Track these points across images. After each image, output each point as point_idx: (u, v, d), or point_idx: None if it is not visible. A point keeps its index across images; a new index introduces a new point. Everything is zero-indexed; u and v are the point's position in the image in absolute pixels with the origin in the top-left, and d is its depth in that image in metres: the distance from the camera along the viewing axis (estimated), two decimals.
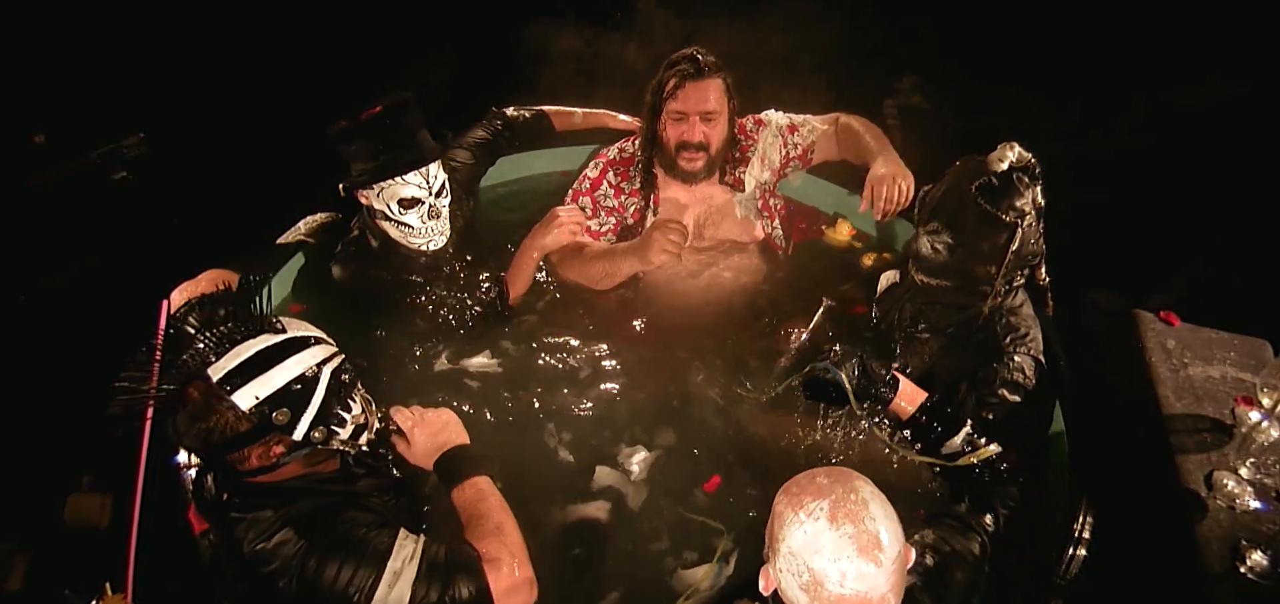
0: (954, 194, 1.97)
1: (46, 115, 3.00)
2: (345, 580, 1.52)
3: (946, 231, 1.99)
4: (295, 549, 1.54)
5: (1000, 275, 1.98)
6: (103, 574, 1.51)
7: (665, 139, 2.59)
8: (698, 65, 2.49)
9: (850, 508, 1.33)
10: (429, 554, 1.59)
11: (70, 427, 2.02)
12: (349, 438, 1.64)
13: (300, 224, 2.51)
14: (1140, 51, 3.42)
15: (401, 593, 1.53)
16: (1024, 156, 1.94)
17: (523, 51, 3.77)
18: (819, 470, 1.43)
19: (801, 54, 3.65)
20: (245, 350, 1.52)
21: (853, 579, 1.29)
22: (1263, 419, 1.96)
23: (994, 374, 2.05)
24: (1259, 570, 1.74)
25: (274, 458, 1.58)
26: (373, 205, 2.29)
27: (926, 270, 2.07)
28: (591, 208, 2.71)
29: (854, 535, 1.30)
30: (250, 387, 1.50)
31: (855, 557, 1.29)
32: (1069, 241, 2.15)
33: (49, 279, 2.58)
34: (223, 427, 1.51)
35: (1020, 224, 1.91)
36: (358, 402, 1.67)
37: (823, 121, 2.77)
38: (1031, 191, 1.94)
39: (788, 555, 1.34)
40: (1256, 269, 2.68)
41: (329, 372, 1.60)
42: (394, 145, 2.21)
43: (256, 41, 3.88)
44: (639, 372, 2.47)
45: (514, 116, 2.90)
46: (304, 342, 1.59)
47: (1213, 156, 3.09)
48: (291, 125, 3.08)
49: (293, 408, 1.54)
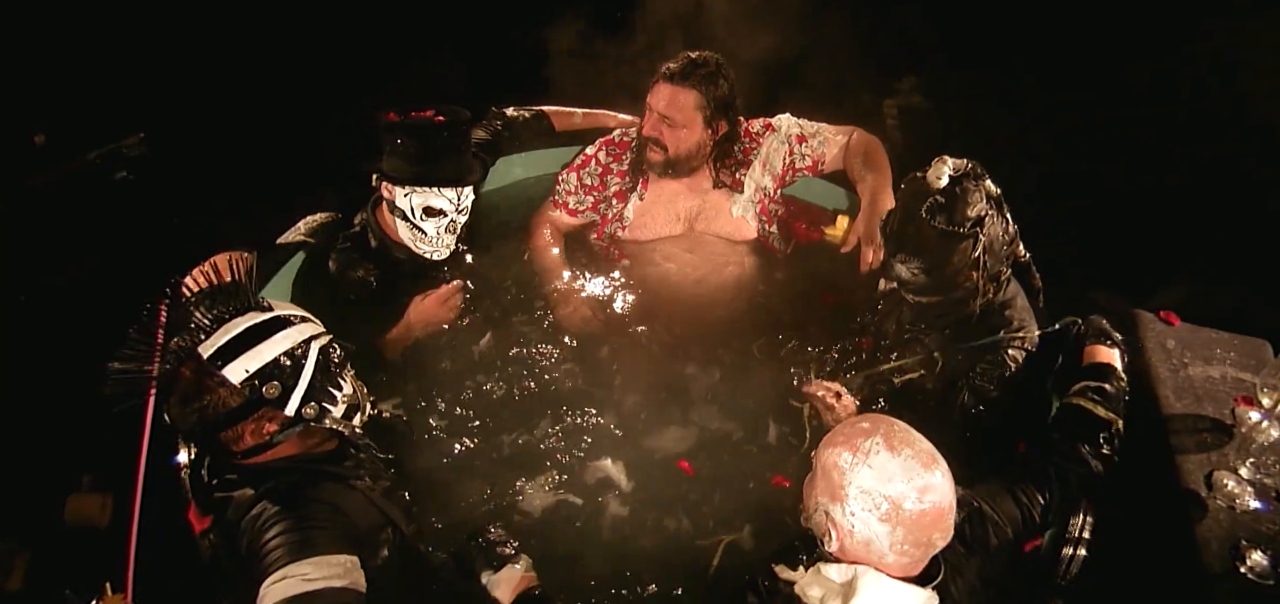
0: (910, 222, 2.00)
1: (46, 115, 3.00)
2: (271, 545, 1.48)
3: (915, 258, 2.01)
4: (263, 519, 1.53)
5: (982, 276, 2.00)
6: (103, 574, 1.50)
7: (643, 130, 2.65)
8: (676, 72, 2.54)
9: (901, 434, 1.46)
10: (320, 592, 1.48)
11: (70, 427, 2.03)
12: (342, 416, 1.66)
13: (300, 224, 2.51)
14: (1140, 50, 3.43)
15: (284, 591, 1.45)
16: (959, 164, 1.97)
17: (522, 52, 3.77)
18: (846, 422, 1.55)
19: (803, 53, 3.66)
20: (234, 327, 1.55)
21: (929, 493, 1.40)
22: (1263, 419, 1.96)
23: (991, 371, 2.06)
24: (1259, 570, 1.74)
25: (267, 435, 1.59)
26: (396, 202, 2.31)
27: (914, 291, 2.10)
28: (574, 184, 2.79)
29: (915, 454, 1.43)
30: (240, 360, 1.53)
31: (923, 472, 1.41)
32: (1069, 242, 2.15)
33: (49, 279, 2.58)
34: (216, 403, 1.53)
35: (980, 230, 1.93)
36: (349, 381, 1.70)
37: (837, 133, 2.78)
38: (979, 191, 1.95)
39: (859, 493, 1.43)
40: (1256, 269, 2.68)
41: (317, 348, 1.62)
42: (440, 156, 2.26)
43: (257, 41, 3.87)
44: (625, 360, 2.50)
45: (514, 117, 2.90)
46: (289, 319, 1.62)
47: (1212, 156, 3.09)
48: (291, 125, 3.09)
49: (283, 383, 1.56)
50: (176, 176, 2.99)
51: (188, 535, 1.66)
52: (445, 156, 2.27)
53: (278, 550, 1.48)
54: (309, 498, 1.59)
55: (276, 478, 1.59)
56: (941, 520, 1.42)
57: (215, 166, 3.23)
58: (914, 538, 1.41)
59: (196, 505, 1.67)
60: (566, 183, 2.80)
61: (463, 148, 2.33)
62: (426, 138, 2.24)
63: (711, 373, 2.47)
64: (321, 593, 1.44)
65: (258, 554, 1.49)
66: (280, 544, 1.48)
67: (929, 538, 1.42)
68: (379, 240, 2.41)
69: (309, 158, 2.46)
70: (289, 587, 1.43)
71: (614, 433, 2.30)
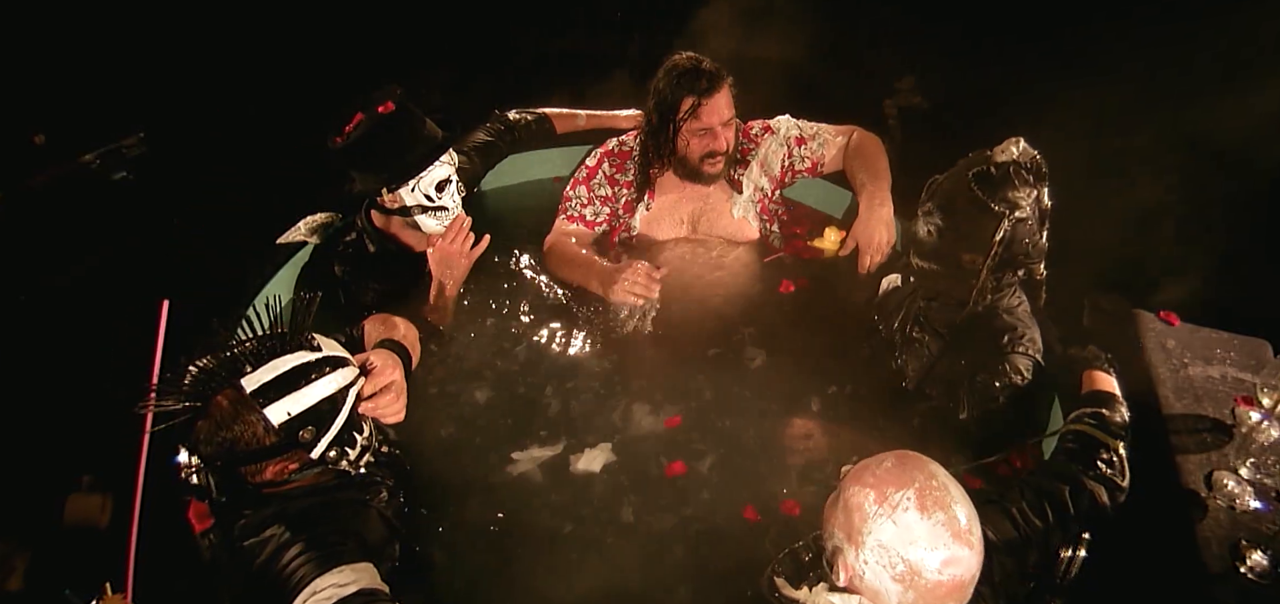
0: (952, 179, 1.98)
1: (46, 115, 3.00)
2: (293, 563, 1.50)
3: (938, 214, 1.99)
4: (278, 542, 1.53)
5: (986, 267, 1.96)
6: (103, 574, 1.51)
7: (689, 154, 2.58)
8: (710, 78, 2.48)
9: (936, 495, 1.33)
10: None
11: (70, 427, 2.02)
12: (355, 458, 1.65)
13: (300, 223, 2.51)
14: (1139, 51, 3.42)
15: (326, 599, 1.48)
16: (1028, 153, 1.93)
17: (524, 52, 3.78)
18: (885, 456, 1.41)
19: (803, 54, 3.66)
20: (283, 364, 1.51)
21: (950, 566, 1.30)
22: (1263, 419, 1.96)
23: (993, 377, 2.05)
24: (1259, 570, 1.74)
25: (288, 474, 1.58)
26: (406, 203, 2.30)
27: (919, 253, 2.07)
28: (586, 197, 2.74)
29: (946, 523, 1.30)
30: (284, 401, 1.49)
31: (950, 543, 1.30)
32: (1068, 242, 2.15)
33: (49, 279, 2.57)
34: (248, 438, 1.50)
35: (1008, 215, 1.90)
36: (367, 423, 1.68)
37: (837, 134, 2.77)
38: (1031, 190, 1.92)
39: (877, 548, 1.33)
40: (1256, 269, 2.68)
41: (353, 394, 1.60)
42: (408, 140, 2.24)
43: (257, 41, 3.88)
44: (636, 365, 2.48)
45: (516, 119, 2.90)
46: (337, 361, 1.58)
47: (1212, 156, 3.09)
48: (292, 125, 3.08)
49: (318, 427, 1.54)
50: (176, 176, 2.99)
51: (188, 535, 1.66)
52: (417, 132, 2.26)
53: (303, 566, 1.48)
54: (323, 517, 1.60)
55: (288, 501, 1.59)
56: (959, 593, 1.33)
57: (216, 166, 3.22)
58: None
59: (203, 507, 1.67)
60: (577, 196, 2.74)
61: (419, 116, 2.30)
62: (395, 130, 2.21)
63: (715, 375, 2.46)
64: (357, 597, 1.46)
65: (280, 574, 1.49)
66: (304, 560, 1.49)
67: None
68: (378, 245, 2.41)
69: (309, 158, 2.46)
70: (328, 596, 1.45)
71: (614, 434, 2.29)
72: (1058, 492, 1.70)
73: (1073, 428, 1.84)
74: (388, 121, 2.21)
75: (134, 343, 1.63)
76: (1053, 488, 1.71)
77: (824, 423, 2.25)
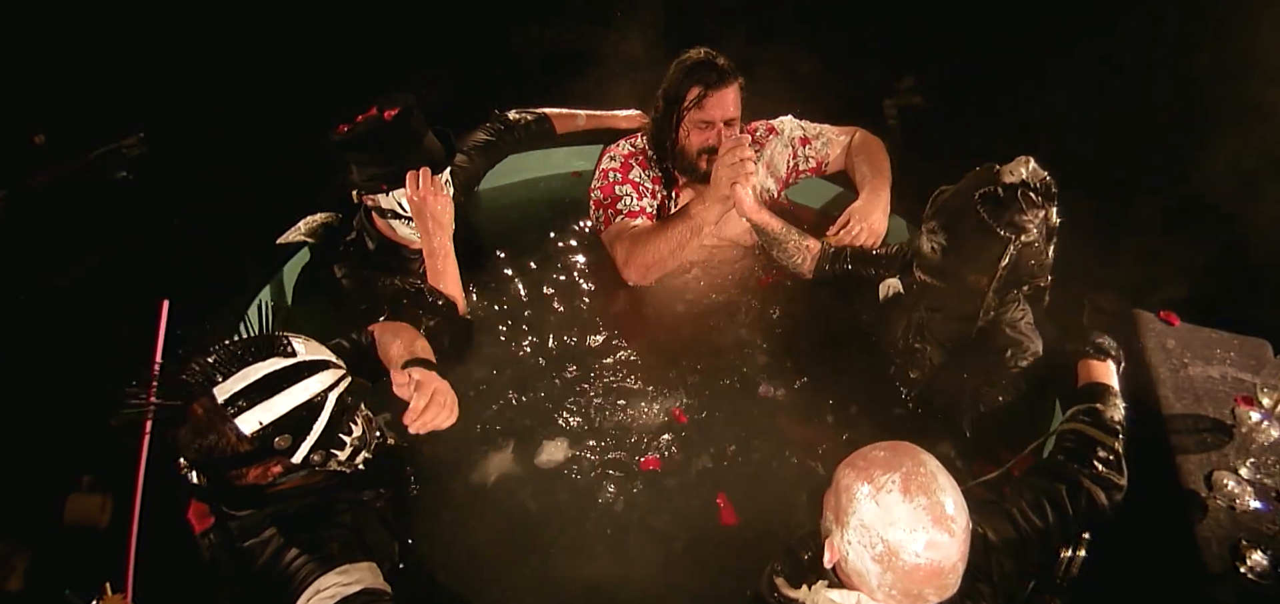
0: (959, 196, 1.94)
1: (46, 115, 2.99)
2: (295, 564, 1.51)
3: (943, 233, 1.96)
4: (279, 542, 1.54)
5: (991, 289, 1.94)
6: (103, 574, 1.51)
7: (687, 145, 2.58)
8: (721, 72, 2.48)
9: (922, 480, 1.36)
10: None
11: (70, 427, 2.02)
12: (346, 459, 1.65)
13: (300, 223, 2.51)
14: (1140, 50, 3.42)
15: (329, 598, 1.49)
16: (1038, 173, 1.88)
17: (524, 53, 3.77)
18: (879, 444, 1.45)
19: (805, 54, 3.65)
20: (253, 372, 1.50)
21: (929, 550, 1.32)
22: (1263, 419, 1.96)
23: (996, 391, 2.04)
24: (1259, 570, 1.74)
25: (271, 477, 1.58)
26: (381, 206, 2.31)
27: (923, 268, 2.06)
28: (635, 192, 2.67)
29: (928, 507, 1.33)
30: (255, 411, 1.49)
31: (930, 527, 1.32)
32: (1068, 241, 2.14)
33: (49, 279, 2.57)
34: (224, 446, 1.50)
35: (1014, 240, 1.86)
36: (359, 423, 1.66)
37: (840, 134, 2.77)
38: (1038, 211, 1.87)
39: (859, 528, 1.36)
40: (1256, 269, 2.68)
41: (335, 396, 1.59)
42: (406, 148, 2.24)
43: (257, 41, 3.87)
44: (636, 366, 2.47)
45: (516, 120, 2.90)
46: (313, 366, 1.57)
47: (1213, 156, 3.08)
48: (292, 125, 3.08)
49: (295, 433, 1.54)
50: (176, 176, 2.99)
51: (188, 535, 1.66)
52: (410, 145, 2.26)
53: (306, 565, 1.49)
54: (323, 518, 1.60)
55: (285, 501, 1.59)
56: (937, 578, 1.35)
57: (216, 166, 3.22)
58: (904, 587, 1.35)
59: (200, 503, 1.67)
60: (626, 193, 2.66)
61: (421, 132, 2.29)
62: (387, 136, 2.22)
63: (718, 377, 2.46)
64: (360, 595, 1.46)
65: (283, 573, 1.49)
66: (306, 559, 1.49)
67: (920, 591, 1.36)
68: (377, 243, 2.42)
69: (309, 158, 2.45)
70: (331, 595, 1.45)
71: (618, 433, 2.29)
72: (1056, 492, 1.70)
73: (1068, 426, 1.84)
74: (393, 123, 2.23)
75: (134, 343, 1.63)
76: (1051, 488, 1.71)
77: (826, 429, 2.25)
